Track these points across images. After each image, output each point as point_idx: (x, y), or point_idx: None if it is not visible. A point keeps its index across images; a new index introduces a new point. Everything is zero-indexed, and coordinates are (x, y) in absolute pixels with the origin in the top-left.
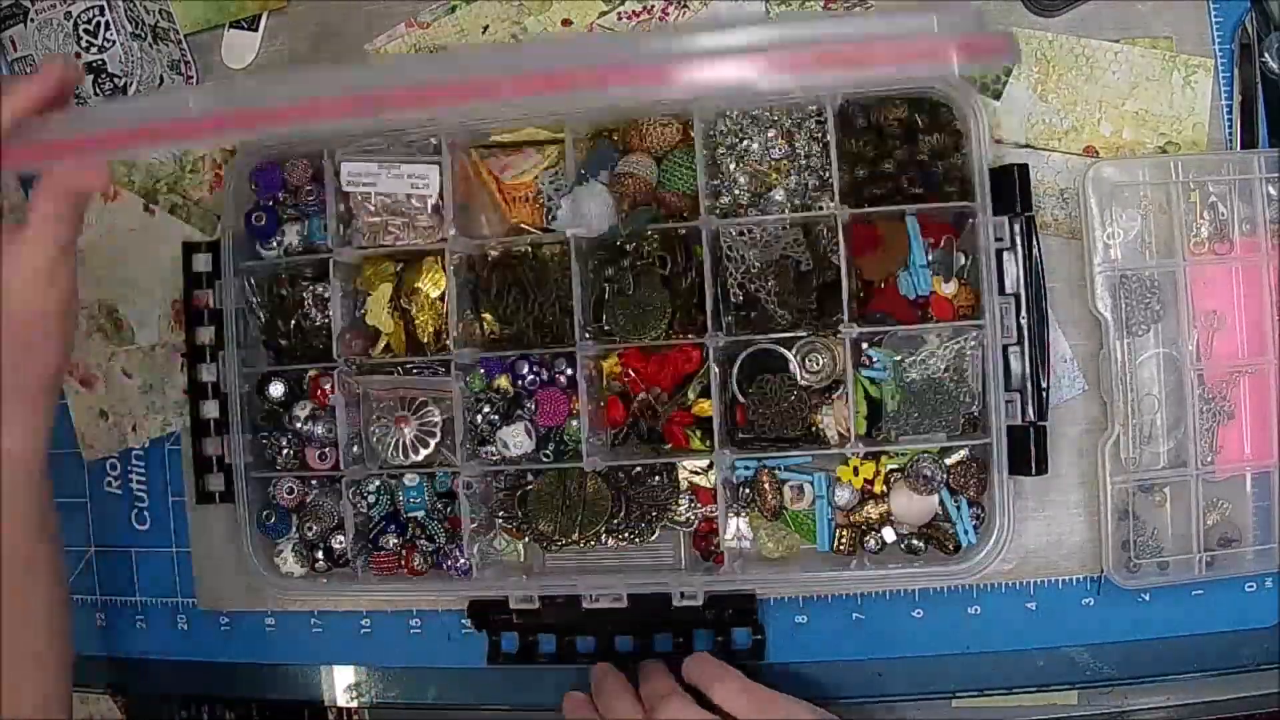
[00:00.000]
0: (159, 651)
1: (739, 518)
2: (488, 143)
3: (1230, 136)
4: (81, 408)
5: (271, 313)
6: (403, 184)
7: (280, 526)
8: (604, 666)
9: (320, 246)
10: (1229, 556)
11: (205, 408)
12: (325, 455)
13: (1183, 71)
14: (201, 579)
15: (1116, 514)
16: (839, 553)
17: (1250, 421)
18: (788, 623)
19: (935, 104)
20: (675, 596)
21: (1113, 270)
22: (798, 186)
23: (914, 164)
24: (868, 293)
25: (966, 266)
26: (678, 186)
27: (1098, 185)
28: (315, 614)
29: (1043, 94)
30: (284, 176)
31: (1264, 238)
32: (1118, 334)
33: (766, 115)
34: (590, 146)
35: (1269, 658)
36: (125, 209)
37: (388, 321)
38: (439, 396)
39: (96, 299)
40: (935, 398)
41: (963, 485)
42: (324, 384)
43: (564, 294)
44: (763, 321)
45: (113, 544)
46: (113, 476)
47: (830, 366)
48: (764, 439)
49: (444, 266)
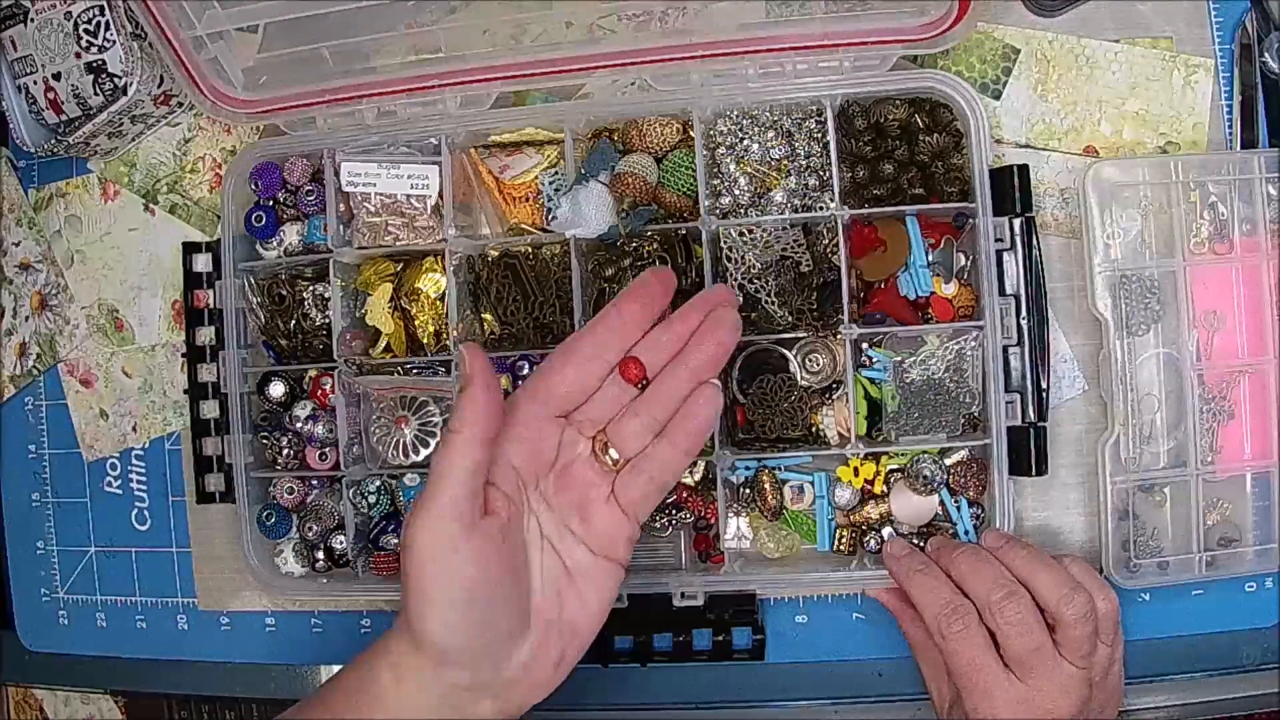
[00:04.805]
0: (159, 651)
1: (739, 518)
2: (488, 143)
3: (1230, 136)
4: (81, 408)
5: (271, 313)
6: (403, 184)
7: (280, 526)
8: (900, 543)
9: (320, 246)
10: (1229, 556)
11: (205, 408)
12: (325, 455)
13: (1183, 71)
14: (201, 579)
15: (1116, 514)
16: (839, 553)
17: (1250, 421)
18: (788, 623)
19: (935, 104)
20: (675, 596)
21: (1113, 270)
22: (798, 187)
23: (914, 164)
24: (868, 293)
25: (966, 267)
26: (678, 186)
27: (1098, 185)
28: (315, 614)
29: (1043, 94)
30: (284, 176)
31: (1264, 238)
32: (1118, 334)
33: (766, 116)
34: (590, 146)
35: (1269, 658)
36: (125, 209)
37: (388, 321)
38: (439, 396)
39: (96, 299)
40: (935, 398)
41: (963, 485)
42: (324, 384)
43: (564, 294)
44: (763, 321)
45: (113, 544)
46: (113, 476)
47: (830, 367)
48: (764, 439)
49: (444, 266)
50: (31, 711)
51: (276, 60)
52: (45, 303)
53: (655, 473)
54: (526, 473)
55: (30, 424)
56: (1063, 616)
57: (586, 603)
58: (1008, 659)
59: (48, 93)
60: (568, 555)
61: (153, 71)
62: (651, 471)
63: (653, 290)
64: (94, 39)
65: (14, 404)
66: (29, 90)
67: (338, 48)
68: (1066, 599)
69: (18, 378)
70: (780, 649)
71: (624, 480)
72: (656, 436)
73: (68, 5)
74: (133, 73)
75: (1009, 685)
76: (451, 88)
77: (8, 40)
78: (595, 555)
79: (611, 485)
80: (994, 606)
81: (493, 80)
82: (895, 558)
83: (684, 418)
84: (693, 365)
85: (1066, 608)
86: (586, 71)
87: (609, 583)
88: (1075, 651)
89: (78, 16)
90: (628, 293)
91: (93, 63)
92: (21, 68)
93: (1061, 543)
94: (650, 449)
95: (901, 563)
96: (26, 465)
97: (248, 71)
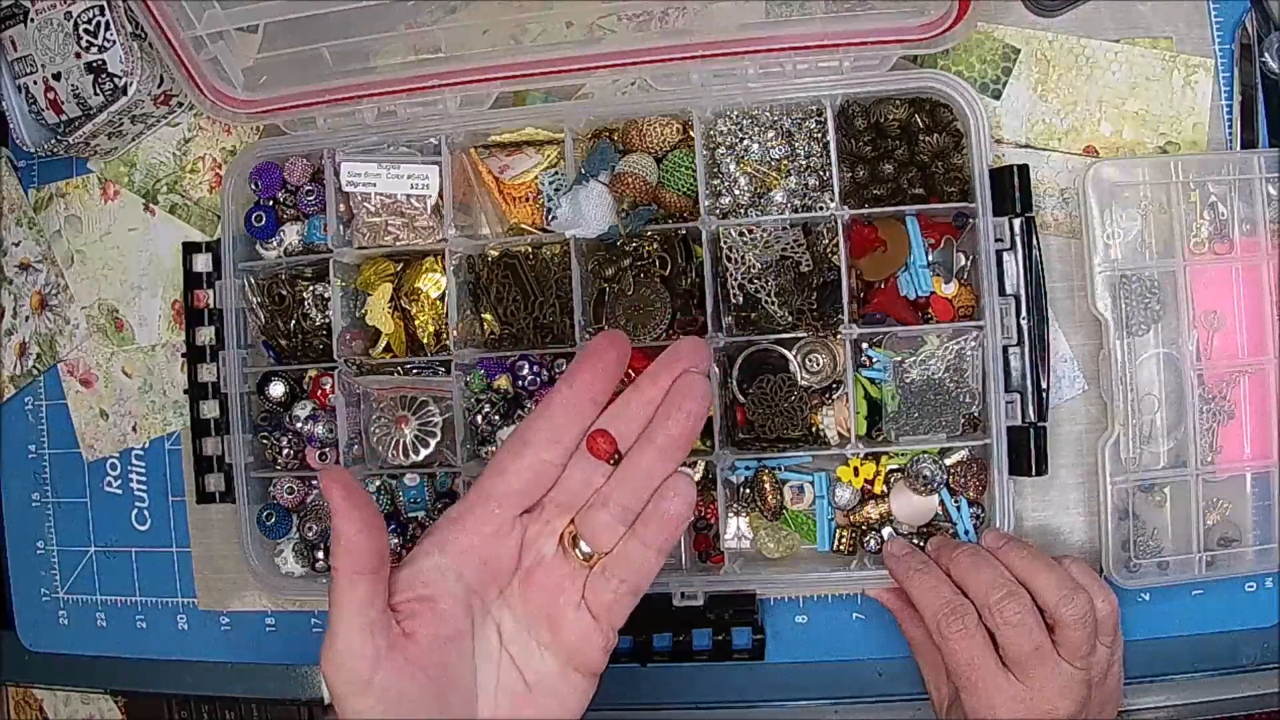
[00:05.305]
0: (159, 651)
1: (739, 518)
2: (488, 143)
3: (1230, 136)
4: (81, 408)
5: (271, 313)
6: (403, 184)
7: (280, 526)
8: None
9: (320, 246)
10: (1229, 556)
11: (205, 408)
12: (325, 455)
13: (1183, 71)
14: (201, 579)
15: (1116, 514)
16: (839, 553)
17: (1250, 421)
18: (788, 623)
19: (935, 104)
20: (675, 596)
21: (1113, 270)
22: (798, 187)
23: (914, 164)
24: (868, 293)
25: (966, 267)
26: (678, 186)
27: (1098, 185)
28: (315, 614)
29: (1043, 94)
30: (284, 176)
31: (1264, 238)
32: (1118, 334)
33: (766, 116)
34: (590, 146)
35: (1269, 658)
36: (125, 209)
37: (388, 321)
38: (439, 396)
39: (96, 299)
40: (935, 398)
41: (963, 485)
42: (324, 384)
43: (564, 294)
44: (763, 321)
45: (113, 544)
46: (113, 476)
47: (830, 367)
48: (764, 439)
49: (444, 266)
50: (31, 711)
51: (276, 60)
52: (45, 303)
53: (627, 575)
54: (480, 583)
55: (30, 424)
56: (1062, 617)
57: (548, 718)
58: (1007, 659)
59: (48, 93)
60: (530, 669)
61: (153, 71)
62: (623, 574)
63: (606, 356)
64: (94, 39)
65: (14, 404)
66: (29, 90)
67: (338, 48)
68: (1066, 600)
69: (18, 378)
70: (780, 649)
71: (595, 583)
72: (628, 530)
73: (68, 5)
74: (133, 73)
75: (1008, 685)
76: (451, 88)
77: (8, 40)
78: (564, 667)
79: (583, 587)
80: (993, 606)
81: (493, 80)
82: (895, 557)
83: (655, 514)
84: (661, 444)
85: (1066, 608)
86: (586, 71)
87: (575, 696)
88: (1074, 652)
89: (78, 16)
90: (578, 363)
91: (93, 63)
92: (21, 68)
93: (1061, 543)
94: (620, 548)
95: (901, 562)
96: (26, 465)
97: (248, 71)
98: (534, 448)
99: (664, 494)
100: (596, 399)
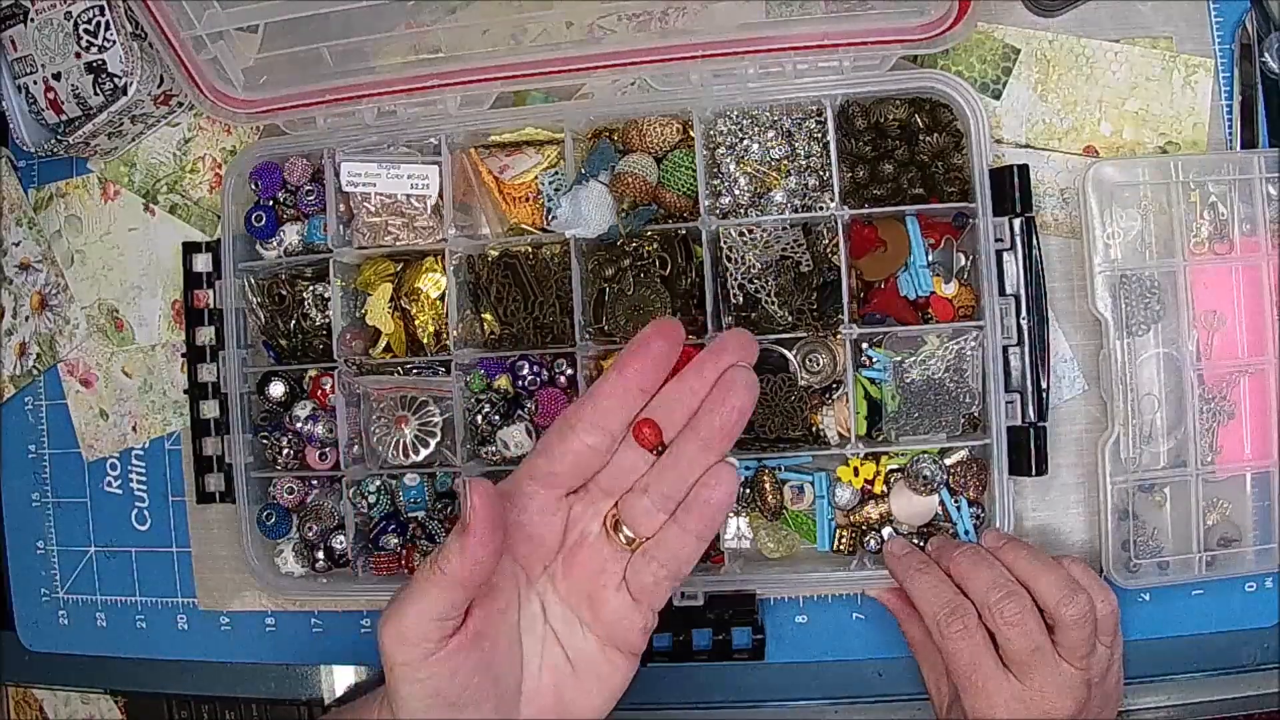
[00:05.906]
0: (159, 651)
1: (739, 518)
2: (488, 143)
3: (1230, 136)
4: (81, 408)
5: (271, 313)
6: (403, 184)
7: (280, 526)
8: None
9: (320, 246)
10: (1229, 556)
11: (205, 408)
12: (325, 455)
13: (1183, 71)
14: (201, 579)
15: (1116, 514)
16: (839, 553)
17: (1250, 421)
18: (788, 623)
19: (935, 104)
20: (675, 596)
21: (1113, 270)
22: (798, 187)
23: (914, 164)
24: (868, 293)
25: (966, 267)
26: (678, 186)
27: (1098, 185)
28: (315, 614)
29: (1043, 94)
30: (284, 176)
31: (1264, 238)
32: (1118, 334)
33: (766, 116)
34: (590, 146)
35: (1269, 658)
36: (125, 209)
37: (388, 321)
38: (439, 396)
39: (96, 299)
40: (935, 398)
41: (963, 485)
42: (324, 384)
43: (564, 294)
44: (763, 321)
45: (113, 544)
46: (113, 476)
47: (830, 366)
48: (764, 439)
49: (444, 266)
50: (31, 711)
51: (276, 60)
52: (45, 303)
53: (668, 560)
54: (528, 560)
55: (30, 424)
56: (1062, 617)
57: (589, 696)
58: (1007, 659)
59: (48, 93)
60: (572, 647)
61: (153, 71)
62: (664, 559)
63: (655, 345)
64: (94, 39)
65: (14, 404)
66: (29, 90)
67: (338, 48)
68: (1066, 600)
69: (18, 378)
70: (780, 649)
71: (635, 565)
72: (669, 517)
73: (68, 5)
74: (133, 73)
75: (1008, 685)
76: (451, 88)
77: (8, 40)
78: (604, 645)
79: (624, 569)
80: (993, 606)
81: (493, 80)
82: (895, 557)
83: (697, 502)
84: (704, 435)
85: (1066, 609)
86: (586, 71)
87: (616, 675)
88: (1074, 652)
89: (78, 16)
90: (629, 352)
91: (93, 63)
92: (21, 68)
93: (1061, 543)
94: (661, 533)
95: (901, 562)
96: (26, 465)
97: (248, 71)
98: (579, 433)
99: (706, 482)
100: (645, 388)
